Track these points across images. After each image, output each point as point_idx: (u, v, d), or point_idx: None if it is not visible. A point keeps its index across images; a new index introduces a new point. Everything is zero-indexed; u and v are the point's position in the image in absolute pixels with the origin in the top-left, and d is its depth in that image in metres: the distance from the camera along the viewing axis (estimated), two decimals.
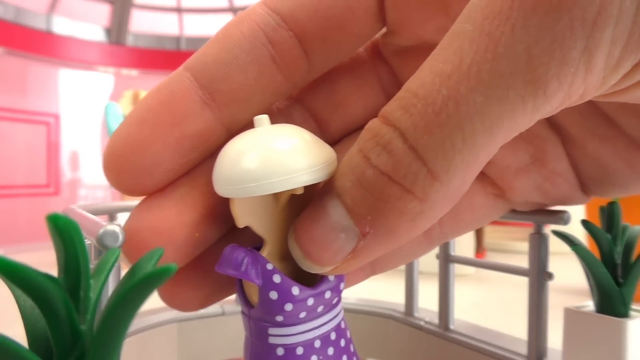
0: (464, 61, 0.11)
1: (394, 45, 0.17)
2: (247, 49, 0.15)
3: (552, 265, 0.28)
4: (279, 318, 0.15)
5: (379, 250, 0.13)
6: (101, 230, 0.20)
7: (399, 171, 0.12)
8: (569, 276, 0.54)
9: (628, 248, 0.27)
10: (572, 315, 0.27)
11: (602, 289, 0.26)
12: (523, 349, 0.30)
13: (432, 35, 0.16)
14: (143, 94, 1.18)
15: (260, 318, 0.15)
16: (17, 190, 1.80)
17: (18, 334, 0.12)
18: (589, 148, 0.18)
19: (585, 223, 0.28)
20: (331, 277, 0.15)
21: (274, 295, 0.14)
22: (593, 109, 0.17)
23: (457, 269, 0.35)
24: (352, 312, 0.40)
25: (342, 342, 0.16)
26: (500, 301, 0.67)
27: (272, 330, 0.15)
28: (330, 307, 0.16)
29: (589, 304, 0.28)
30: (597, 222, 0.28)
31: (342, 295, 0.16)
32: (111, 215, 0.32)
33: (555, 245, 0.33)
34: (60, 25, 1.70)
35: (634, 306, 0.26)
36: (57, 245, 0.11)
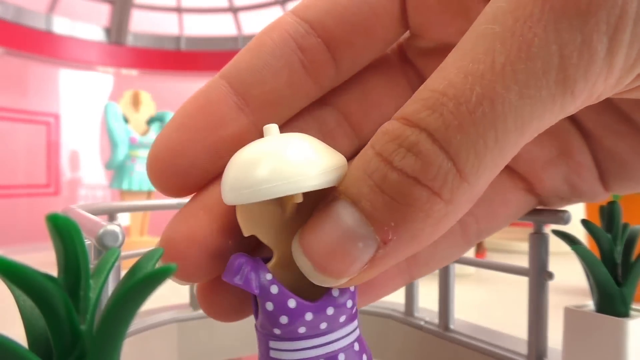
0: (497, 61, 0.11)
1: (418, 47, 0.18)
2: (279, 55, 0.15)
3: (552, 265, 0.28)
4: (277, 331, 0.14)
5: (398, 257, 0.13)
6: (101, 230, 0.20)
7: (428, 173, 0.11)
8: (569, 276, 0.54)
9: (628, 248, 0.27)
10: (572, 315, 0.27)
11: (602, 288, 0.26)
12: (523, 349, 0.30)
13: (453, 37, 0.16)
14: (143, 94, 1.17)
15: (262, 330, 0.15)
16: (17, 190, 1.80)
17: (18, 334, 0.12)
18: (605, 143, 0.18)
19: (585, 222, 0.28)
20: (335, 293, 0.14)
21: (269, 306, 0.14)
22: (608, 105, 0.17)
23: (457, 269, 0.35)
24: None
25: None
26: (500, 301, 0.67)
27: (272, 344, 0.15)
28: (336, 325, 0.15)
29: (589, 304, 0.28)
30: (597, 221, 0.28)
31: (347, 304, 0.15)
32: (111, 215, 0.32)
33: (555, 245, 0.33)
34: (60, 25, 1.70)
35: (634, 306, 0.26)
36: (57, 245, 0.11)
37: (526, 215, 0.23)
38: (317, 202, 0.14)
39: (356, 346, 0.15)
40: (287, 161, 0.13)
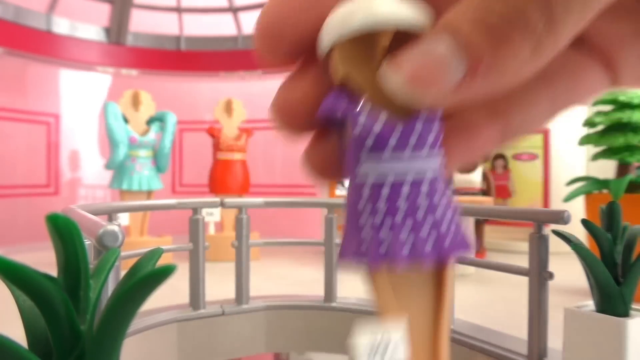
0: None
1: None
2: None
3: (552, 265, 0.28)
4: (369, 142, 0.16)
5: (479, 90, 0.14)
6: (101, 230, 0.20)
7: (525, 18, 0.13)
8: (569, 276, 0.55)
9: (628, 248, 0.27)
10: (572, 315, 0.27)
11: (602, 288, 0.26)
12: (523, 349, 0.30)
13: None
14: (143, 94, 1.18)
15: (354, 150, 0.16)
16: (17, 190, 1.81)
17: (18, 334, 0.12)
18: None
19: (585, 222, 0.28)
20: (418, 125, 0.16)
21: (358, 128, 0.15)
22: None
23: (457, 269, 0.35)
24: (352, 312, 0.40)
25: (436, 199, 0.16)
26: (500, 301, 0.67)
27: (364, 156, 0.16)
28: (419, 155, 0.16)
29: (589, 304, 0.28)
30: (597, 221, 0.28)
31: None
32: (111, 215, 0.32)
33: (555, 245, 0.33)
34: (60, 25, 1.70)
35: (634, 306, 0.27)
36: (57, 245, 0.11)
37: (526, 215, 0.23)
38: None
39: (441, 182, 0.16)
40: (377, 3, 0.15)
